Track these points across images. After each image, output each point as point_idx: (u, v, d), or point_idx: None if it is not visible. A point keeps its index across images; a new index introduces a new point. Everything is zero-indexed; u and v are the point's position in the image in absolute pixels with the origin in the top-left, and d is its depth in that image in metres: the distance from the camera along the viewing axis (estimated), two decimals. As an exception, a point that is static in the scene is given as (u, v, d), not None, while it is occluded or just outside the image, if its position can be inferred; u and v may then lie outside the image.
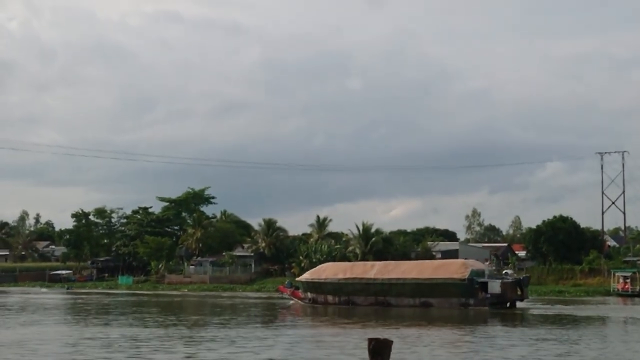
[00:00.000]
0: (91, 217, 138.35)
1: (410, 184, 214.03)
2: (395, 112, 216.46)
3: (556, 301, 72.59)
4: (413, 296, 62.52)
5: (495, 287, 60.55)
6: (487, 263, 66.17)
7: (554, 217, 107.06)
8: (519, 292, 62.72)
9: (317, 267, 73.82)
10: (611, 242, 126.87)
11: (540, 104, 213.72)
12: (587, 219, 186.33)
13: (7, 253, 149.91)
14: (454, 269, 62.73)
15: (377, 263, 71.61)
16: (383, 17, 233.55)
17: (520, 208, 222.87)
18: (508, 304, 61.12)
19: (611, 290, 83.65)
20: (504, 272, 65.37)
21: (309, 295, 68.60)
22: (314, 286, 68.29)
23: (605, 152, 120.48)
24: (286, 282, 78.42)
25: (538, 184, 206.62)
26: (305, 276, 70.86)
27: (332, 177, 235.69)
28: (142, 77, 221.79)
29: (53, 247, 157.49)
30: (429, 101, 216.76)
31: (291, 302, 70.77)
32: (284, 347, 32.04)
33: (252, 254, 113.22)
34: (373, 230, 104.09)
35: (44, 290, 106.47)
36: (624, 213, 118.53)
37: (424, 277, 62.76)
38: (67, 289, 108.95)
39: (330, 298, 66.80)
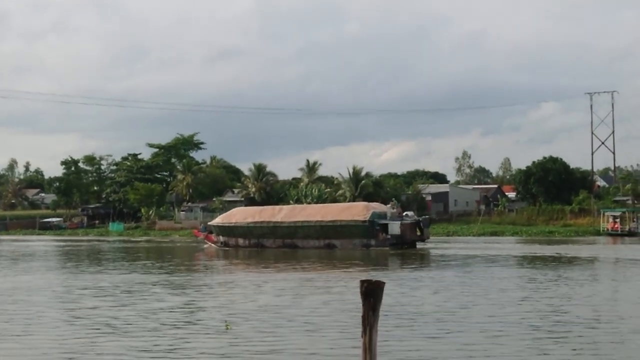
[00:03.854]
0: (80, 165, 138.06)
1: (403, 127, 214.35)
2: (390, 57, 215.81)
3: (544, 241, 72.93)
4: (318, 238, 64.73)
5: (395, 228, 62.60)
6: (390, 205, 67.42)
7: (544, 157, 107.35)
8: (418, 233, 64.81)
9: (228, 212, 75.61)
10: (601, 182, 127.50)
11: (535, 46, 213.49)
12: (577, 160, 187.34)
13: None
14: (356, 212, 64.79)
15: (285, 207, 74.33)
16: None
17: (512, 150, 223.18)
18: (407, 245, 62.82)
19: (601, 230, 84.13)
20: (404, 213, 66.57)
21: (221, 238, 70.27)
22: (225, 230, 70.06)
23: (595, 92, 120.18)
24: (200, 226, 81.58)
25: (530, 125, 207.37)
26: (217, 220, 72.86)
27: (325, 121, 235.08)
28: (135, 25, 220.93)
29: (43, 194, 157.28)
30: (424, 45, 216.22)
31: (205, 245, 72.40)
32: (274, 293, 31.99)
33: (243, 199, 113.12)
34: (363, 173, 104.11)
35: None
36: (614, 153, 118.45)
37: (328, 219, 64.84)
38: None
39: (240, 241, 68.79)
